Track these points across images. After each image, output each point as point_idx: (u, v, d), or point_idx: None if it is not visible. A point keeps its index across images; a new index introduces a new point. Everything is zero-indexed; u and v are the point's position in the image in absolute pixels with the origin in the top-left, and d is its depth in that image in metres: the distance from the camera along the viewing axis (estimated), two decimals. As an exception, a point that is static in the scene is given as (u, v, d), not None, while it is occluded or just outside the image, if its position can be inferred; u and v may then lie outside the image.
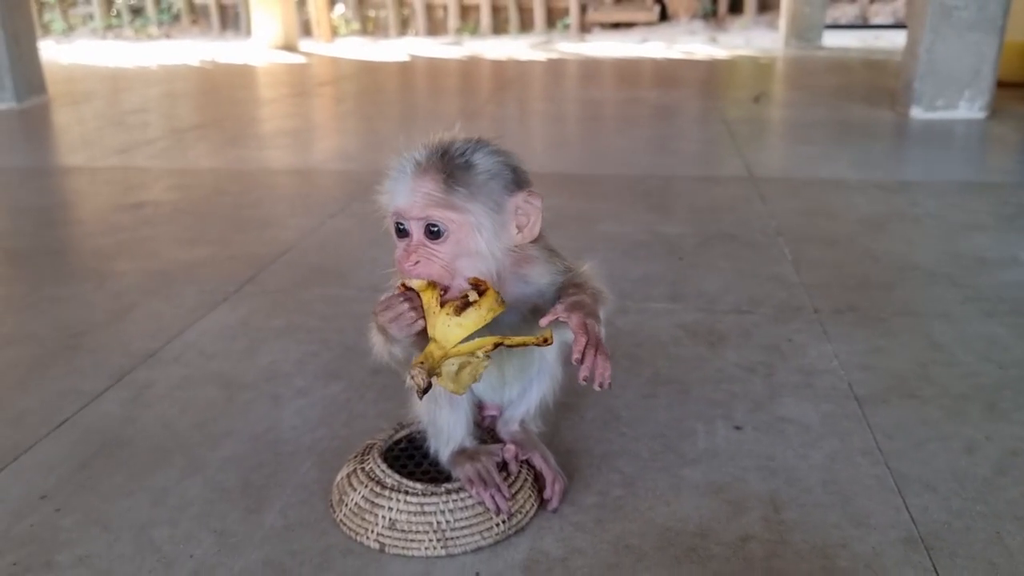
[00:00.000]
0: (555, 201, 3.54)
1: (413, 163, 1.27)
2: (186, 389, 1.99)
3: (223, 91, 7.71)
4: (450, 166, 1.24)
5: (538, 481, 1.54)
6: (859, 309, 2.39)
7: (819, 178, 3.93)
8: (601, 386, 1.22)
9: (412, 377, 1.22)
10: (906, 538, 1.44)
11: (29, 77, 6.61)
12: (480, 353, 1.26)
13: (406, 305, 1.25)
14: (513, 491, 1.47)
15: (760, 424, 1.80)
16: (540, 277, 1.37)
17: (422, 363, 1.24)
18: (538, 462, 1.55)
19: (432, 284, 1.27)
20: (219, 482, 1.62)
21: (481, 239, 1.26)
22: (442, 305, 1.26)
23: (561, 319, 1.24)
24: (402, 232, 1.28)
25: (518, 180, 1.29)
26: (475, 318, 1.25)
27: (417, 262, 1.26)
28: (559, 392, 1.61)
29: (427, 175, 1.24)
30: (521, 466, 1.53)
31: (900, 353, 2.12)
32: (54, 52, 11.46)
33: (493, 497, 1.42)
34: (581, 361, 1.21)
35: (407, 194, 1.25)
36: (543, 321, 1.25)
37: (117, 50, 12.19)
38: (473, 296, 1.26)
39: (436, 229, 1.25)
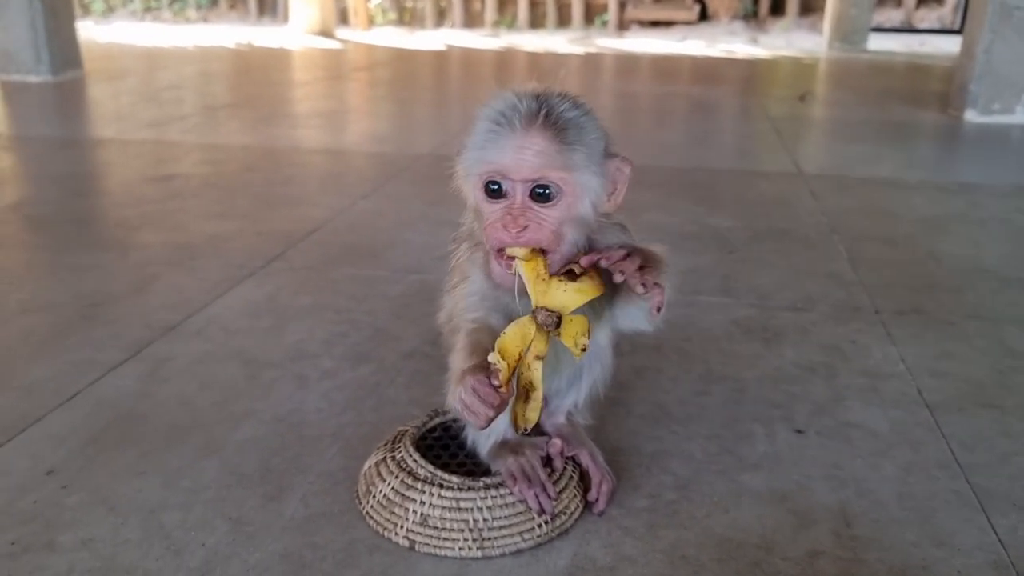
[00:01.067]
0: (596, 190, 3.39)
1: (519, 115, 1.11)
2: (207, 365, 1.88)
3: (258, 72, 7.63)
4: (563, 123, 1.12)
5: (583, 480, 1.40)
6: (925, 312, 2.23)
7: (872, 177, 3.75)
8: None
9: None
10: (995, 562, 1.29)
11: (65, 51, 6.56)
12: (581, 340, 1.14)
13: (491, 406, 1.10)
14: (557, 490, 1.33)
15: (824, 429, 1.65)
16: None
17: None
18: (585, 459, 1.41)
19: (536, 251, 1.13)
20: (237, 465, 1.50)
21: (588, 203, 1.15)
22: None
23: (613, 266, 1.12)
24: (496, 194, 1.14)
25: (610, 144, 1.20)
26: (592, 285, 1.13)
27: (525, 227, 1.12)
28: (610, 382, 1.48)
29: (538, 130, 1.11)
30: (566, 463, 1.39)
31: (974, 359, 1.96)
32: (93, 32, 11.45)
33: (536, 495, 1.29)
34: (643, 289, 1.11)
35: (512, 151, 1.11)
36: (584, 260, 1.13)
37: (155, 32, 12.18)
38: (578, 268, 1.13)
39: (546, 191, 1.12)
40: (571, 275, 1.13)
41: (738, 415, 1.70)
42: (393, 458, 1.38)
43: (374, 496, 1.34)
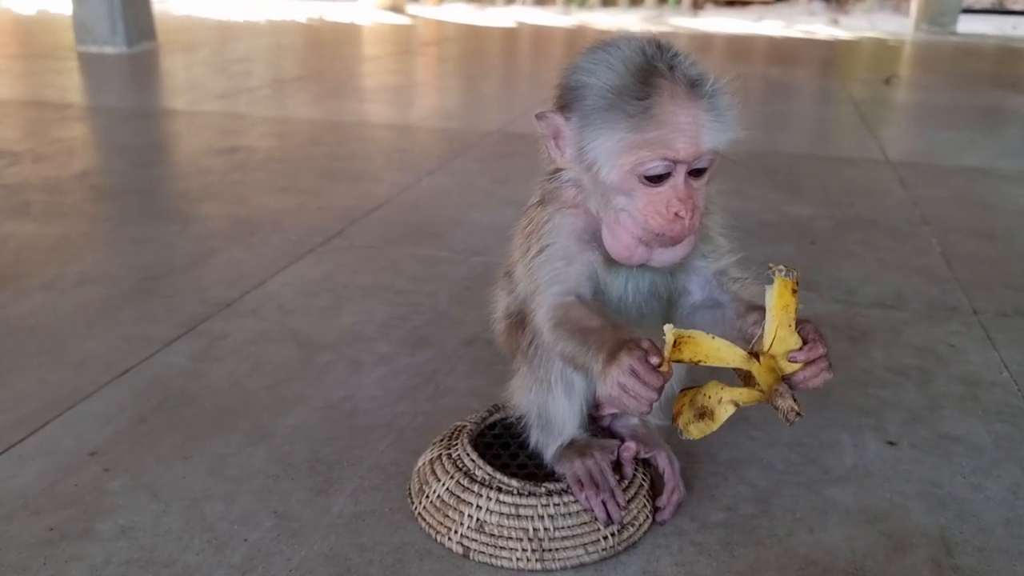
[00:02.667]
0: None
1: (684, 83, 1.00)
2: (260, 345, 1.81)
3: (328, 47, 7.60)
4: (709, 93, 1.01)
5: (653, 488, 1.29)
6: (1029, 314, 2.05)
7: (965, 165, 3.51)
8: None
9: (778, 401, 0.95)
10: (1121, 605, 1.14)
11: (140, 23, 6.62)
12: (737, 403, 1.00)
13: (654, 388, 0.95)
14: (628, 496, 1.22)
15: (919, 441, 1.51)
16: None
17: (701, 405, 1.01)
18: (663, 462, 1.29)
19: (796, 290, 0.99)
20: (285, 454, 1.43)
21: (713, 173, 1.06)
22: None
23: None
24: (659, 179, 1.02)
25: None
26: (796, 342, 1.00)
27: (689, 213, 1.02)
28: (685, 378, 1.35)
29: (701, 98, 1.00)
30: (636, 468, 1.28)
31: (1087, 369, 1.78)
32: (168, 4, 11.60)
33: (604, 503, 1.18)
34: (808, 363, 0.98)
35: (686, 127, 0.99)
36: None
37: (228, 5, 12.28)
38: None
39: (704, 167, 1.03)
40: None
41: (823, 422, 1.56)
42: (449, 456, 1.28)
43: (427, 496, 1.25)
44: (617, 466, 1.25)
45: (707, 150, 1.00)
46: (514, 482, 1.21)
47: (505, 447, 1.34)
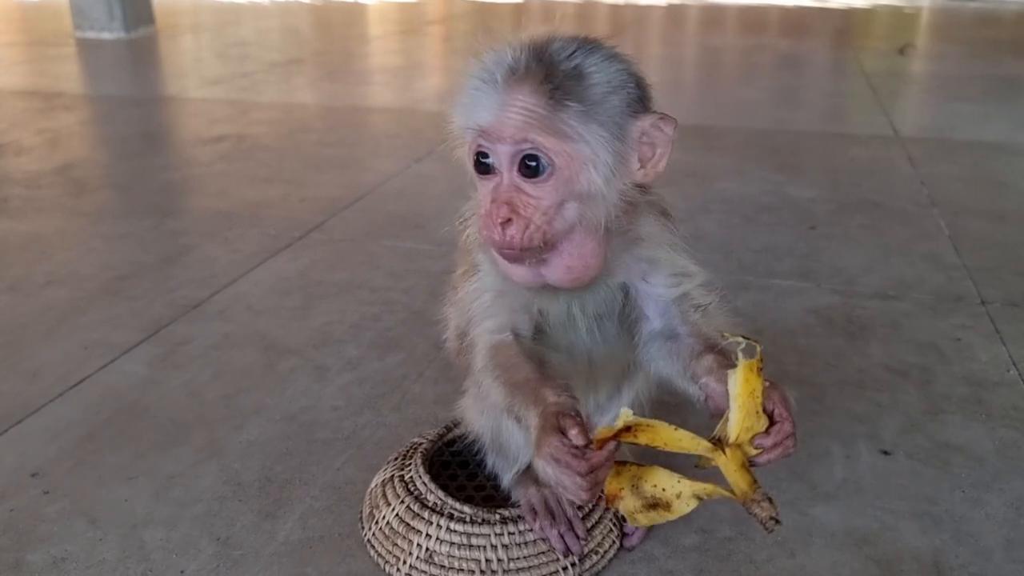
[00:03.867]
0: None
1: (504, 66, 0.87)
2: (224, 350, 1.73)
3: (330, 27, 7.48)
4: (556, 73, 0.85)
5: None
6: (1041, 303, 1.93)
7: (980, 140, 3.36)
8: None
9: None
10: None
11: (138, 8, 6.52)
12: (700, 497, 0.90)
13: (581, 475, 0.82)
14: (588, 525, 1.13)
15: (916, 450, 1.40)
16: (653, 240, 0.99)
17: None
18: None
19: (760, 360, 0.85)
20: (236, 473, 1.35)
21: (595, 177, 0.87)
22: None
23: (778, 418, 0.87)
24: (485, 168, 0.90)
25: (643, 97, 0.91)
26: (764, 424, 0.88)
27: (508, 220, 0.87)
28: (655, 391, 1.25)
29: (525, 83, 0.85)
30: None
31: (1101, 365, 1.66)
32: (173, -15, 11.50)
33: (561, 534, 1.09)
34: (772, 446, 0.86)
35: (496, 109, 0.86)
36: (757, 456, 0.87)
37: (234, -15, 12.16)
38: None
39: (536, 162, 0.86)
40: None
41: (813, 429, 1.46)
42: (402, 478, 1.19)
43: (377, 522, 1.17)
44: (580, 489, 1.15)
45: (523, 139, 0.85)
46: (466, 508, 1.12)
47: (464, 466, 1.26)
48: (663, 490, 0.88)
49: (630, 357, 1.08)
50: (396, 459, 1.25)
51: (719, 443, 0.86)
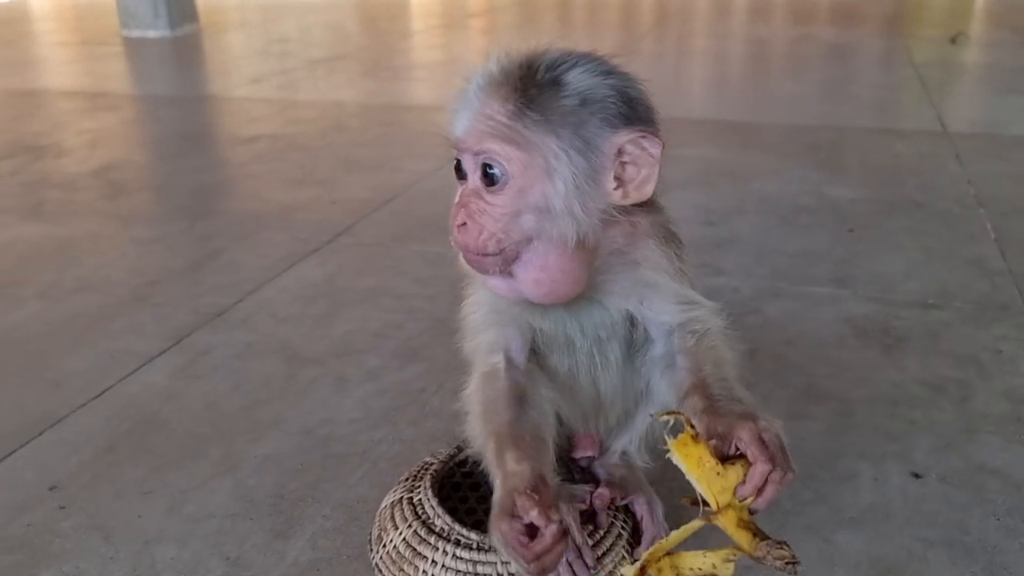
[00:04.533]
0: (704, 152, 3.06)
1: (485, 76, 0.87)
2: (245, 359, 1.73)
3: (373, 22, 7.50)
4: (530, 84, 0.84)
5: (636, 534, 1.16)
6: (1091, 313, 1.84)
7: (1033, 136, 3.24)
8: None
9: None
10: None
11: (182, 5, 6.61)
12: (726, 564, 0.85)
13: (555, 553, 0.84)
14: (599, 552, 1.10)
15: (949, 473, 1.34)
16: (650, 265, 0.96)
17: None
18: (640, 508, 1.16)
19: (692, 435, 0.80)
20: (250, 489, 1.34)
21: (552, 190, 0.84)
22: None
23: (743, 449, 0.82)
24: (460, 174, 0.90)
25: (629, 114, 0.86)
26: (736, 474, 0.82)
27: (463, 224, 0.87)
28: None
29: (496, 93, 0.84)
30: (615, 515, 1.15)
31: None
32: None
33: (570, 564, 1.06)
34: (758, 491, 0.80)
35: (468, 117, 0.86)
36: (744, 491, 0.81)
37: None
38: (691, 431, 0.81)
39: (493, 171, 0.85)
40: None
41: (841, 448, 1.40)
42: (410, 500, 1.17)
43: (385, 546, 1.15)
44: (592, 515, 1.13)
45: (480, 147, 0.84)
46: (473, 535, 1.09)
47: (475, 488, 1.23)
48: (699, 568, 0.85)
49: (640, 383, 1.04)
50: (407, 479, 1.23)
51: (709, 511, 0.82)
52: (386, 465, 1.39)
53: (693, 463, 0.80)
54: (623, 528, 1.14)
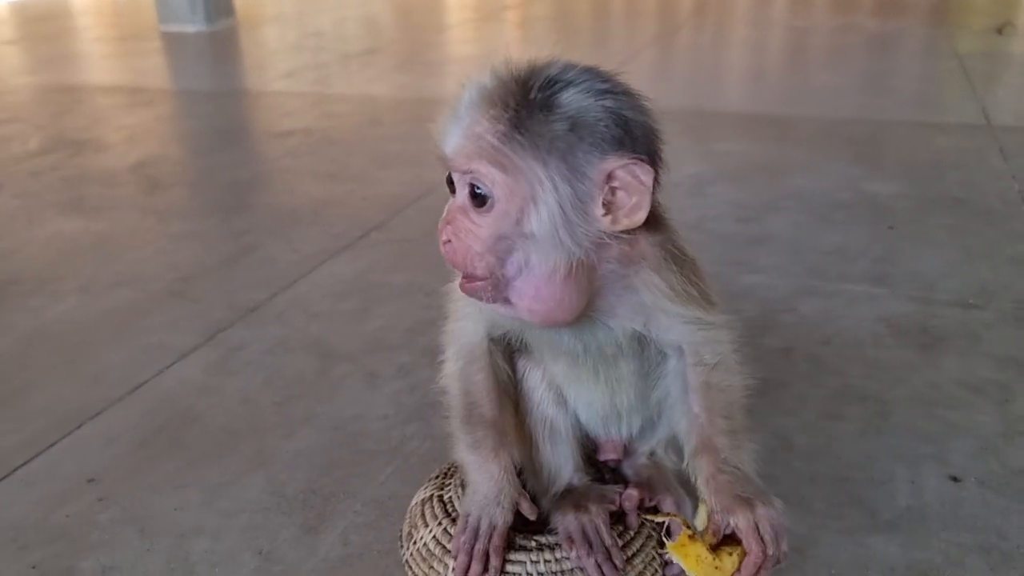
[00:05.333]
0: (739, 146, 3.03)
1: (477, 91, 0.84)
2: (278, 355, 1.74)
3: (408, 15, 7.51)
4: (522, 104, 0.80)
5: (666, 534, 1.15)
6: None
7: (1080, 129, 3.16)
8: None
9: None
10: None
11: (219, 0, 6.67)
12: None
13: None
14: (629, 553, 1.09)
15: (988, 476, 1.32)
16: (651, 287, 0.91)
17: None
18: (669, 509, 1.15)
19: (690, 535, 0.88)
20: (282, 484, 1.35)
21: (537, 216, 0.81)
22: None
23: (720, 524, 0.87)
24: (451, 188, 0.87)
25: (622, 137, 0.81)
26: (732, 563, 0.87)
27: (448, 240, 0.86)
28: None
29: (487, 112, 0.81)
30: (645, 516, 1.14)
31: None
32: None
33: (599, 564, 1.05)
34: None
35: (457, 135, 0.83)
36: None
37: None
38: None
39: (479, 192, 0.82)
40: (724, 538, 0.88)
41: (876, 450, 1.38)
42: (440, 498, 1.17)
43: (415, 542, 1.15)
44: (621, 515, 1.12)
45: (466, 167, 0.81)
46: (502, 534, 1.09)
47: (504, 486, 1.23)
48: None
49: (659, 394, 1.03)
50: (437, 477, 1.24)
51: None
52: (416, 461, 1.39)
53: (692, 561, 0.86)
54: (652, 530, 1.14)
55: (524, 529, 1.12)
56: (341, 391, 1.61)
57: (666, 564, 1.14)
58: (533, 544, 1.08)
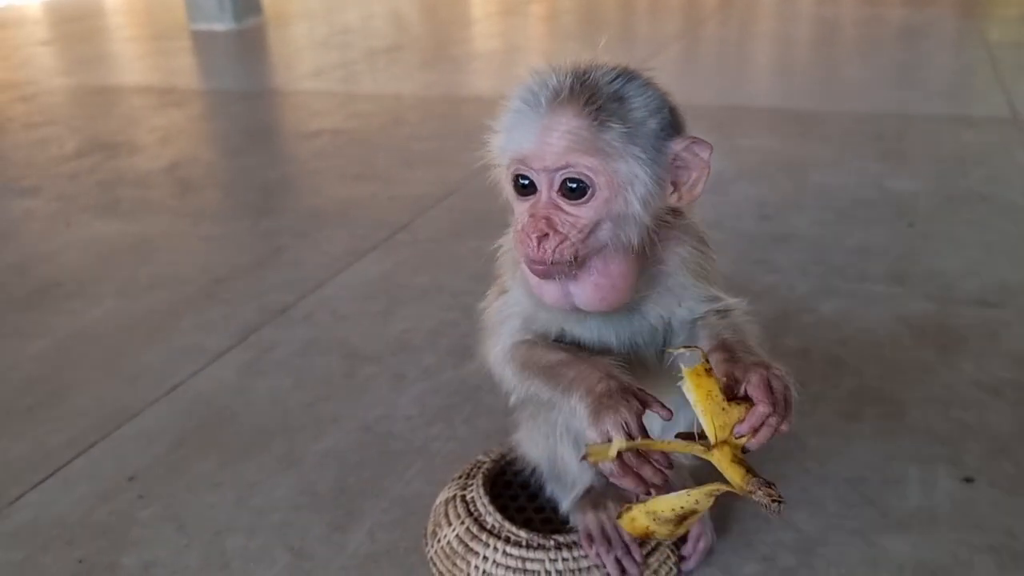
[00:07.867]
0: (762, 142, 3.04)
1: (548, 90, 0.87)
2: (307, 356, 1.80)
3: (433, 10, 7.55)
4: (599, 96, 0.86)
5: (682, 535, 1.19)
6: None
7: (1108, 121, 3.13)
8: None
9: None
10: None
11: (247, -2, 6.75)
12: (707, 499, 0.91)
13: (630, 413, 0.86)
14: (645, 551, 1.14)
15: (1000, 478, 1.34)
16: (683, 268, 0.99)
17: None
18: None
19: (706, 367, 0.86)
20: (312, 483, 1.41)
21: (634, 198, 0.88)
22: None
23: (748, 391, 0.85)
24: (526, 189, 0.91)
25: (678, 122, 0.91)
26: (739, 412, 0.87)
27: (545, 235, 0.88)
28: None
29: (568, 107, 0.86)
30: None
31: None
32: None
33: (618, 560, 1.10)
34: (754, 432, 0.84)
35: (537, 134, 0.87)
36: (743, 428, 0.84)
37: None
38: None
39: (578, 184, 0.87)
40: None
41: (891, 451, 1.41)
42: (463, 498, 1.22)
43: (439, 540, 1.20)
44: (638, 515, 1.16)
45: (565, 162, 0.86)
46: (522, 533, 1.14)
47: (524, 486, 1.28)
48: (681, 507, 0.89)
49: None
50: (460, 477, 1.29)
51: (707, 443, 0.86)
52: (441, 462, 1.44)
53: (702, 394, 0.84)
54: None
55: (543, 529, 1.17)
56: (368, 392, 1.66)
57: (681, 560, 1.18)
58: (552, 543, 1.13)
